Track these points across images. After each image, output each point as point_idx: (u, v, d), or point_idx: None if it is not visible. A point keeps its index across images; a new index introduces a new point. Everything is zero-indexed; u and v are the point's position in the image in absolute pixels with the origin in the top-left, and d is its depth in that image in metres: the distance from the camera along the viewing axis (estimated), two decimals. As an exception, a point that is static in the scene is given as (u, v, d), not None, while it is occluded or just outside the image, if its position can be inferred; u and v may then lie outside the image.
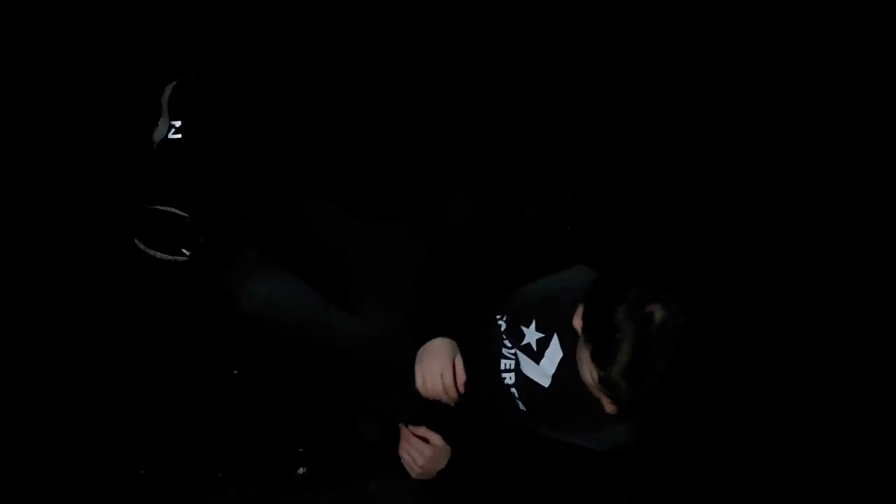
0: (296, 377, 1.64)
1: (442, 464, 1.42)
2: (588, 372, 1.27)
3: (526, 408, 1.44)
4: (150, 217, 1.68)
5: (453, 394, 1.34)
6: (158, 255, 1.69)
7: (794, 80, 2.27)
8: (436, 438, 1.43)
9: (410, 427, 1.44)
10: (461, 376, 1.35)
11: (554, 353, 1.42)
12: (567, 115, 2.23)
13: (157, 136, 1.74)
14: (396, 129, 2.25)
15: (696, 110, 2.23)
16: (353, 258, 1.64)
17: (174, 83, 1.77)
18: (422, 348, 1.39)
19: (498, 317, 1.49)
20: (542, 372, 1.43)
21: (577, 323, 1.31)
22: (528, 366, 1.44)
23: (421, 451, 1.42)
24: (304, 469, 1.58)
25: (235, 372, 1.68)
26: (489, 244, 1.60)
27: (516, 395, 1.44)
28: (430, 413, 1.45)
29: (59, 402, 1.59)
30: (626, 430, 1.41)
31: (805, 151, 2.17)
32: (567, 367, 1.39)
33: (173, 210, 1.68)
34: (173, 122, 1.71)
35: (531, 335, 1.45)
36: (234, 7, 2.16)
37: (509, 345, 1.46)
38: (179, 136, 1.70)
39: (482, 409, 1.45)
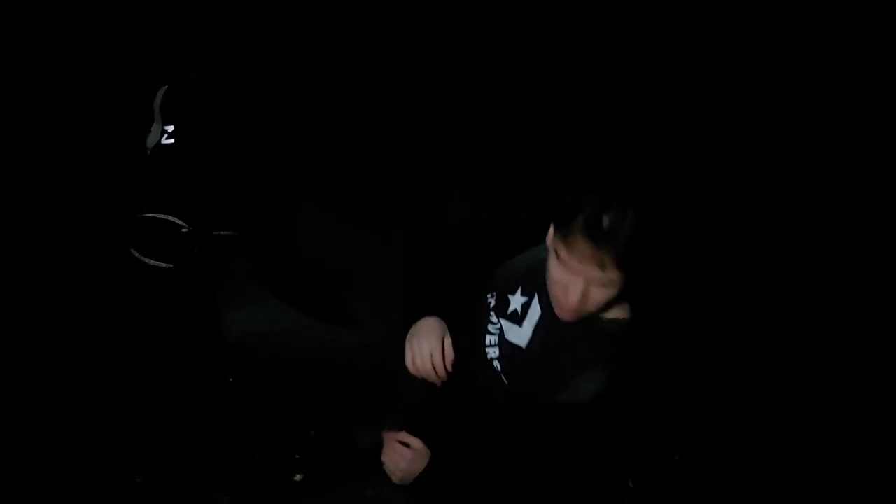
0: (291, 383, 1.64)
1: (421, 466, 1.42)
2: (553, 253, 1.25)
3: (508, 380, 1.43)
4: (145, 224, 1.67)
5: (442, 372, 1.37)
6: (151, 262, 1.68)
7: (794, 80, 2.26)
8: (415, 442, 1.43)
9: (391, 433, 1.45)
10: (450, 355, 1.37)
11: (534, 312, 1.42)
12: (567, 115, 2.22)
13: (151, 141, 1.71)
14: (396, 129, 2.25)
15: (696, 110, 2.22)
16: (348, 262, 1.64)
17: (165, 87, 1.75)
18: (413, 328, 1.41)
19: (488, 295, 1.50)
20: (524, 334, 1.43)
21: (549, 237, 1.30)
22: (510, 331, 1.44)
23: (402, 454, 1.43)
24: (301, 475, 1.58)
25: (231, 379, 1.68)
26: (489, 244, 1.60)
27: (499, 367, 1.44)
28: (426, 414, 1.47)
29: (54, 409, 1.59)
30: (600, 378, 1.36)
31: (805, 151, 2.16)
32: (545, 323, 1.40)
33: (171, 218, 1.67)
34: (166, 127, 1.70)
35: (516, 301, 1.45)
36: (233, 9, 2.17)
37: (494, 319, 1.47)
38: (173, 140, 1.68)
39: (469, 390, 1.46)
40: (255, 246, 1.72)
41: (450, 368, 1.38)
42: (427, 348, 1.36)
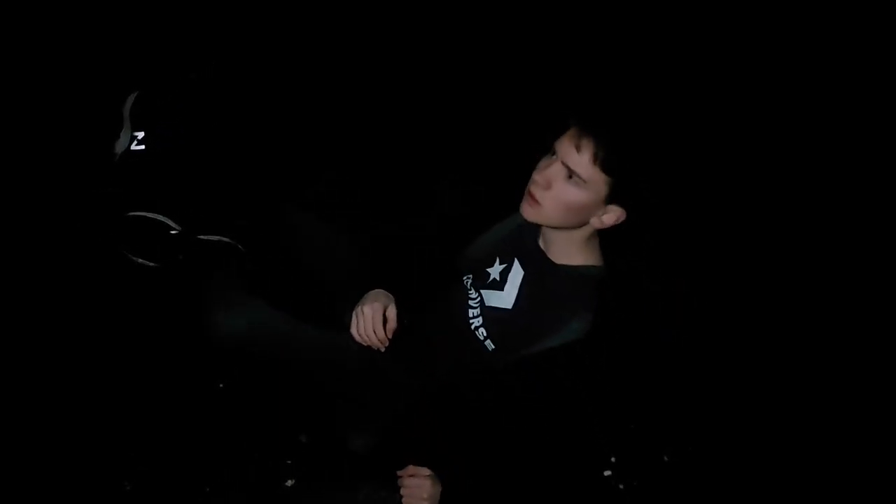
0: (281, 388, 1.63)
1: (438, 490, 1.39)
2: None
3: (494, 343, 1.44)
4: (136, 223, 1.66)
5: (382, 335, 1.41)
6: (139, 259, 1.67)
7: (794, 80, 2.25)
8: (423, 470, 1.40)
9: (400, 474, 1.43)
10: (391, 322, 1.42)
11: (516, 275, 1.45)
12: (567, 114, 2.21)
13: (120, 147, 1.70)
14: (396, 129, 2.25)
15: (695, 110, 2.21)
16: (338, 263, 1.64)
17: (136, 93, 1.74)
18: (362, 298, 1.46)
19: (465, 277, 1.53)
20: (506, 296, 1.45)
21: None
22: (491, 297, 1.47)
23: (419, 487, 1.39)
24: (293, 481, 1.57)
25: (221, 385, 1.68)
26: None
27: (484, 334, 1.44)
28: (418, 414, 1.47)
29: (38, 415, 1.59)
30: (584, 319, 1.38)
31: (804, 152, 2.15)
32: (528, 280, 1.43)
33: (161, 218, 1.66)
34: (135, 133, 1.69)
35: (495, 270, 1.49)
36: (232, 9, 2.18)
37: (474, 294, 1.49)
38: (143, 147, 1.67)
39: (458, 375, 1.47)
40: (247, 249, 1.72)
41: (389, 335, 1.41)
42: (369, 313, 1.40)
